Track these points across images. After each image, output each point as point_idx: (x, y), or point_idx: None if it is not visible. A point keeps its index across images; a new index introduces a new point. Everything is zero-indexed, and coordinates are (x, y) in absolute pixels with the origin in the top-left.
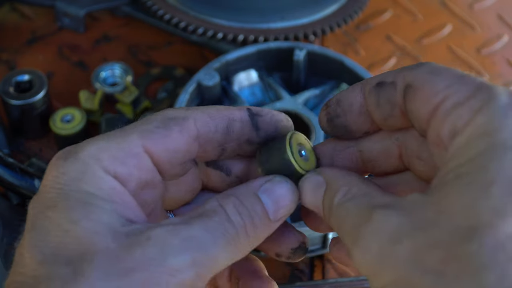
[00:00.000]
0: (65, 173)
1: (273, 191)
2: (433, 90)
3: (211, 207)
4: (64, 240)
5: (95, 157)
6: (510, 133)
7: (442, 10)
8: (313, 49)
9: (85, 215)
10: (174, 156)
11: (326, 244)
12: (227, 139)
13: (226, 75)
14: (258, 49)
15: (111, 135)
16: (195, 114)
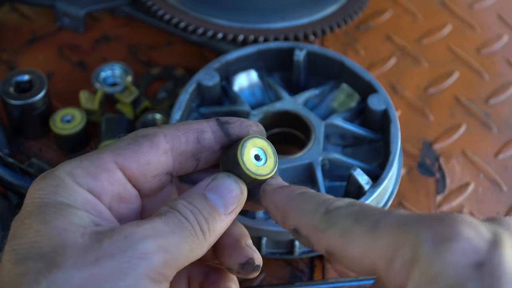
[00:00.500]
0: (41, 188)
1: (218, 187)
2: (354, 257)
3: (164, 210)
4: (37, 239)
5: (69, 173)
6: (454, 270)
7: (442, 10)
8: (313, 49)
9: (56, 216)
10: (146, 169)
11: None
12: (200, 149)
13: (226, 75)
14: (258, 49)
15: (86, 155)
16: (165, 130)
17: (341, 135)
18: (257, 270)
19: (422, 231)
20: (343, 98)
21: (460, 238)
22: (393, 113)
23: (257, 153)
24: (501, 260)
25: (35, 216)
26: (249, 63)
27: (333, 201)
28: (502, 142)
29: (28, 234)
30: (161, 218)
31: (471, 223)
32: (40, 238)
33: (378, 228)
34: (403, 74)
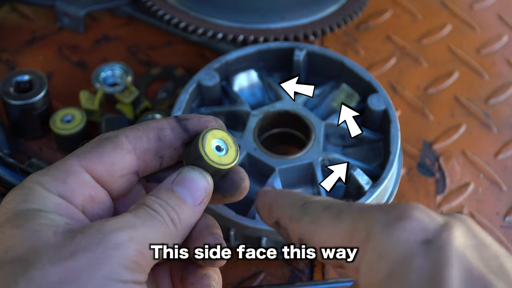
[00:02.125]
0: (12, 199)
1: (184, 180)
2: (320, 242)
3: (133, 207)
4: (11, 244)
5: (37, 181)
6: (404, 245)
7: (442, 10)
8: (313, 49)
9: (27, 220)
10: (112, 169)
11: None
12: (162, 146)
13: (226, 76)
14: (258, 49)
15: (53, 164)
16: (126, 131)
17: (341, 135)
18: (219, 259)
19: (377, 214)
20: (343, 98)
21: (411, 218)
22: (393, 113)
23: (218, 144)
24: (450, 238)
25: (7, 224)
26: (249, 63)
27: (311, 197)
28: (502, 142)
29: (2, 240)
30: (131, 213)
31: (424, 209)
32: (14, 242)
33: (341, 214)
34: (403, 74)
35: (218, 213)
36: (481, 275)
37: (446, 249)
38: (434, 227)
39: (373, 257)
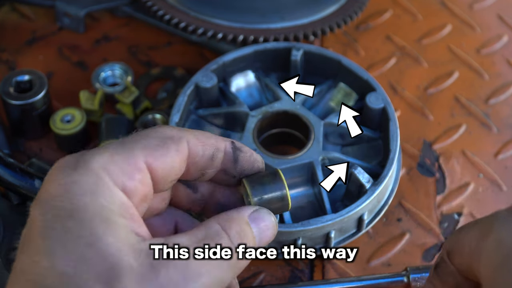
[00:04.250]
0: (76, 182)
1: (259, 222)
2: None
3: (215, 230)
4: (87, 255)
5: (105, 169)
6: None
7: (442, 10)
8: (310, 49)
9: (106, 230)
10: (169, 174)
11: (328, 244)
12: (209, 166)
13: (223, 77)
14: (255, 50)
15: (115, 147)
16: (188, 136)
17: (340, 134)
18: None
19: (500, 211)
20: (340, 97)
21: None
22: (391, 111)
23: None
24: None
25: (80, 223)
26: (246, 64)
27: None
28: (502, 142)
29: (74, 244)
30: (216, 253)
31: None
32: (92, 254)
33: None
34: (403, 74)
35: None
36: None
37: None
38: None
39: (492, 245)
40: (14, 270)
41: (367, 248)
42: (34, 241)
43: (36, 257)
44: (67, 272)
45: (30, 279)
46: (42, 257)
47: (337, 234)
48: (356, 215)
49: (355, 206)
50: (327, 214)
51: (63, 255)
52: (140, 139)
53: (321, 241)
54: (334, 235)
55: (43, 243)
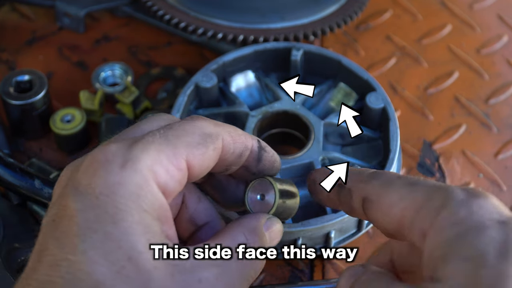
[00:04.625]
0: (123, 184)
1: (272, 229)
2: (388, 203)
3: (240, 242)
4: (126, 268)
5: (152, 170)
6: (479, 218)
7: (442, 10)
8: (310, 49)
9: (145, 244)
10: (203, 171)
11: (328, 244)
12: (235, 163)
13: (223, 77)
14: (255, 50)
15: (160, 143)
16: (224, 134)
17: (340, 134)
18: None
19: (455, 189)
20: (340, 97)
21: (488, 200)
22: (391, 111)
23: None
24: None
25: (122, 231)
26: (246, 64)
27: (380, 170)
28: (502, 142)
29: (116, 253)
30: (237, 267)
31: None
32: (130, 267)
33: (417, 183)
34: (403, 74)
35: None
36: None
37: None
38: (508, 214)
39: (445, 223)
40: (40, 259)
41: (367, 248)
42: (71, 238)
43: (72, 256)
44: (104, 283)
45: (64, 277)
46: (79, 259)
47: (337, 234)
48: None
49: None
50: (327, 214)
51: (102, 264)
52: (183, 135)
53: (321, 241)
54: (334, 235)
55: (82, 245)
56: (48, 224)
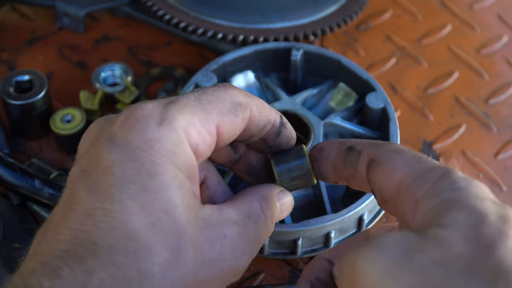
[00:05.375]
0: (160, 140)
1: (283, 201)
2: (392, 167)
3: (256, 208)
4: (162, 220)
5: (186, 131)
6: (478, 191)
7: (442, 10)
8: (310, 49)
9: (180, 198)
10: (230, 138)
11: (328, 244)
12: (257, 134)
13: (223, 77)
14: (255, 50)
15: (194, 106)
16: (253, 105)
17: (340, 134)
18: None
19: (456, 170)
20: (340, 97)
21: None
22: (391, 111)
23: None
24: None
25: (159, 185)
26: (246, 64)
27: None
28: (502, 142)
29: (152, 205)
30: (254, 226)
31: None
32: (166, 219)
33: (424, 157)
34: (403, 74)
35: None
36: None
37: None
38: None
39: (444, 188)
40: (71, 207)
41: None
42: (107, 188)
43: (108, 205)
44: (139, 233)
45: (99, 226)
46: (116, 208)
47: (337, 234)
48: (356, 215)
49: (355, 206)
50: (327, 214)
51: (138, 214)
52: (215, 100)
53: (321, 241)
54: (334, 235)
55: (119, 195)
56: (77, 175)
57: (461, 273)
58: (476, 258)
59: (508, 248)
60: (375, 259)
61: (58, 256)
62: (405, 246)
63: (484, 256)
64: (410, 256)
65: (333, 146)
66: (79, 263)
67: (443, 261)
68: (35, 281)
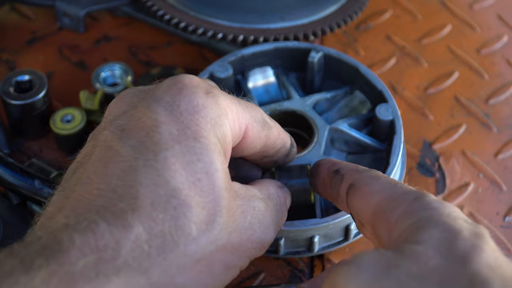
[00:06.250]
0: (206, 107)
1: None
2: (370, 191)
3: (274, 194)
4: (202, 181)
5: (226, 110)
6: (451, 211)
7: (442, 10)
8: (329, 52)
9: (220, 164)
10: (248, 149)
11: (312, 248)
12: (272, 155)
13: (242, 70)
14: (276, 47)
15: (233, 99)
16: (275, 127)
17: (346, 141)
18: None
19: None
20: (354, 105)
21: (456, 209)
22: (399, 124)
23: None
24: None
25: (203, 147)
26: (266, 60)
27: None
28: (502, 142)
29: (195, 168)
30: (273, 205)
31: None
32: (206, 182)
33: (400, 184)
34: (403, 74)
35: None
36: None
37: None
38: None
39: (419, 208)
40: (108, 164)
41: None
42: (151, 146)
43: (152, 162)
44: (180, 191)
45: (142, 182)
46: (160, 166)
47: (321, 240)
48: (343, 223)
49: (342, 214)
50: (315, 218)
51: (181, 173)
52: (249, 107)
53: (304, 245)
54: (318, 240)
55: (164, 153)
56: (115, 133)
57: (438, 285)
58: (452, 270)
59: (483, 260)
60: (353, 276)
61: (96, 211)
62: (381, 262)
63: (460, 268)
64: (387, 272)
65: (325, 166)
66: (118, 218)
67: (420, 274)
68: (67, 236)
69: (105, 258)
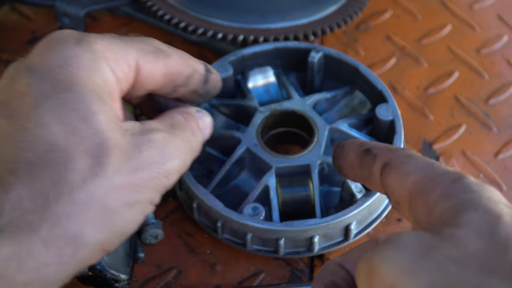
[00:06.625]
0: (77, 56)
1: (202, 120)
2: (405, 171)
3: (180, 120)
4: (80, 128)
5: (103, 53)
6: (491, 194)
7: (442, 10)
8: (329, 52)
9: (99, 107)
10: (149, 82)
11: (312, 248)
12: (183, 84)
13: (242, 70)
14: (276, 47)
15: (113, 38)
16: (175, 55)
17: None
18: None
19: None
20: (354, 105)
21: (498, 193)
22: (399, 124)
23: None
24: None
25: (77, 96)
26: (266, 60)
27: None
28: (502, 142)
29: (71, 114)
30: (180, 134)
31: None
32: (85, 127)
33: (437, 163)
34: (403, 74)
35: (207, 204)
36: None
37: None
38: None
39: (458, 191)
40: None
41: None
42: (25, 109)
43: (27, 124)
44: (57, 143)
45: (18, 146)
46: (34, 126)
47: (321, 240)
48: (343, 224)
49: (342, 214)
50: (316, 218)
51: (56, 125)
52: (137, 41)
53: (305, 245)
54: (318, 240)
55: (37, 111)
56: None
57: (478, 270)
58: (493, 256)
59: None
60: (392, 256)
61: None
62: (421, 244)
63: (501, 255)
64: (426, 253)
65: (352, 146)
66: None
67: (460, 258)
68: None
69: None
